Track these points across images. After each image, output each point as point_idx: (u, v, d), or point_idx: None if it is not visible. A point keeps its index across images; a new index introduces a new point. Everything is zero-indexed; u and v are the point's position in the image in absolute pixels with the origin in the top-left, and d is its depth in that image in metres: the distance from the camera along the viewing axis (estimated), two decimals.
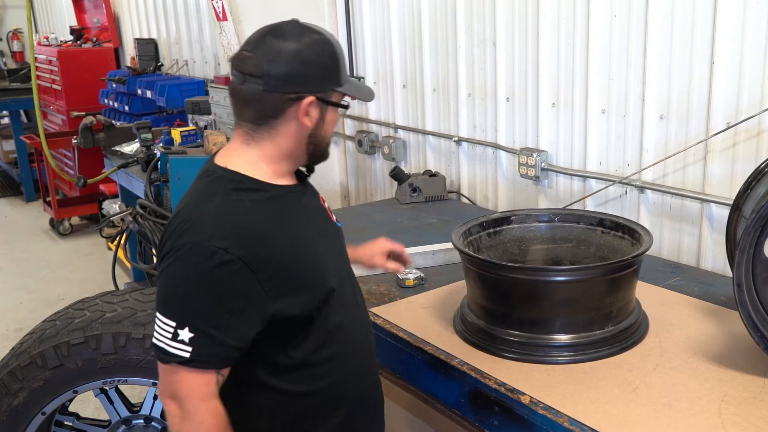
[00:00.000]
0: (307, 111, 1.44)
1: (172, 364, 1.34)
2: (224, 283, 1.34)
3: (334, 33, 4.33)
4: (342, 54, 1.49)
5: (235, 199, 1.42)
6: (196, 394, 1.37)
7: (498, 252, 2.07)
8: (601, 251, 2.01)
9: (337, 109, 1.51)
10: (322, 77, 1.45)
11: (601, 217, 2.05)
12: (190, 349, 1.33)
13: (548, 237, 2.10)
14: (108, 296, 2.39)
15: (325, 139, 1.53)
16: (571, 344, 1.75)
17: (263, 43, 1.44)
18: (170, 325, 1.34)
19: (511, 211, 2.18)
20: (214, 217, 1.38)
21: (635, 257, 1.77)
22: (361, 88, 1.56)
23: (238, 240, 1.35)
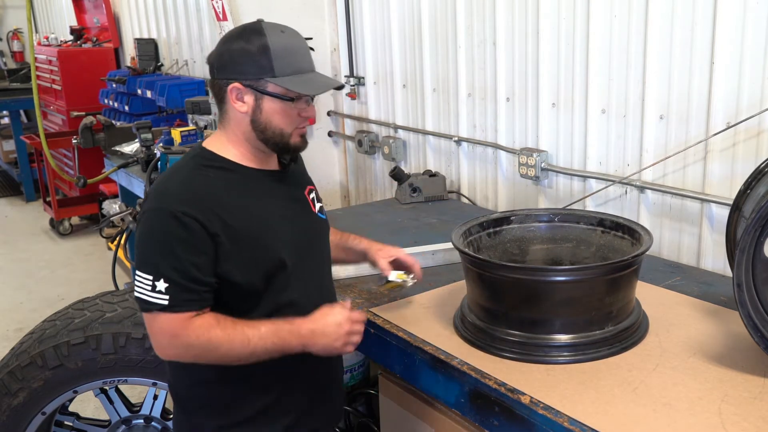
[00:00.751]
0: (239, 96, 1.63)
1: (153, 312, 1.55)
2: (185, 239, 1.54)
3: (334, 33, 4.33)
4: (282, 49, 1.61)
5: (200, 173, 1.63)
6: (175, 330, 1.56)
7: (498, 252, 2.07)
8: (601, 251, 2.01)
9: (285, 100, 1.62)
10: (250, 67, 1.61)
11: (601, 217, 2.05)
12: (167, 297, 1.54)
13: (548, 237, 2.10)
14: (108, 296, 2.39)
15: (271, 128, 1.65)
16: (571, 344, 1.75)
17: (219, 41, 1.68)
18: (148, 279, 1.54)
19: (511, 211, 2.18)
20: (179, 186, 1.61)
21: (635, 257, 1.77)
22: (302, 83, 1.63)
23: (195, 205, 1.56)
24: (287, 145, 1.69)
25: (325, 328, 1.63)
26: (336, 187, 4.59)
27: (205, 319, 1.57)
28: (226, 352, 1.57)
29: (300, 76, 1.64)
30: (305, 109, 1.68)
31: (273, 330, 1.59)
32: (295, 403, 1.76)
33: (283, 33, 1.64)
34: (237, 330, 1.57)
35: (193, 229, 1.54)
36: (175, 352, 1.60)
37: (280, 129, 1.65)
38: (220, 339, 1.56)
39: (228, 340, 1.56)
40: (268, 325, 1.60)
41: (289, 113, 1.65)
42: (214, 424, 1.73)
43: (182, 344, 1.57)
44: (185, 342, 1.56)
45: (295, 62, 1.64)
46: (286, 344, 1.61)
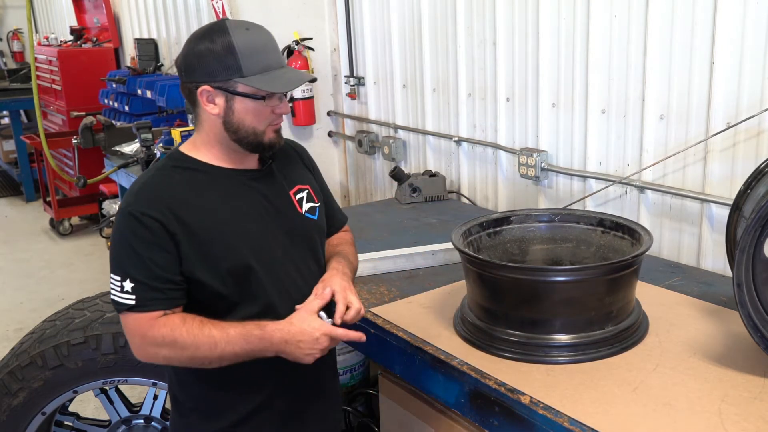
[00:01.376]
0: (209, 99, 1.62)
1: (123, 312, 1.58)
2: (145, 238, 1.55)
3: (334, 33, 4.33)
4: (248, 47, 1.59)
5: (165, 174, 1.65)
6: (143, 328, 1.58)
7: (498, 252, 2.07)
8: (601, 251, 2.01)
9: (255, 99, 1.61)
10: (216, 68, 1.59)
11: (601, 217, 2.05)
12: (134, 296, 1.56)
13: (548, 237, 2.10)
14: (108, 296, 2.38)
15: (244, 128, 1.64)
16: (571, 344, 1.75)
17: (185, 43, 1.66)
18: (117, 280, 1.57)
19: (511, 211, 2.18)
20: (141, 187, 1.62)
21: (635, 257, 1.77)
22: (271, 80, 1.61)
23: (154, 204, 1.57)
24: (261, 143, 1.67)
25: (301, 338, 1.57)
26: (336, 187, 4.58)
27: (170, 318, 1.57)
28: (193, 353, 1.56)
29: (269, 74, 1.62)
30: (278, 105, 1.66)
31: (242, 334, 1.55)
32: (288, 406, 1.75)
33: (248, 30, 1.62)
34: (203, 331, 1.55)
35: (152, 228, 1.55)
36: (146, 353, 1.61)
37: (252, 128, 1.64)
38: (185, 339, 1.55)
39: (193, 341, 1.55)
40: (237, 328, 1.56)
41: (261, 111, 1.64)
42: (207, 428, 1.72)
43: (151, 344, 1.57)
44: (153, 341, 1.56)
45: (263, 59, 1.62)
46: (255, 350, 1.57)
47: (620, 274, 1.76)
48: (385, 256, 2.43)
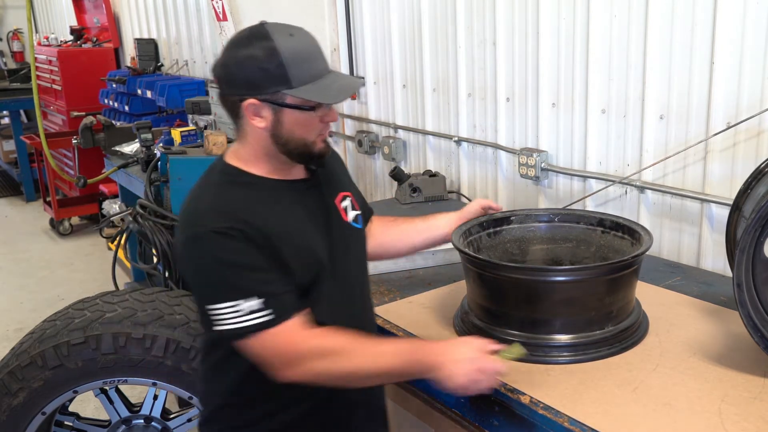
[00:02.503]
0: (255, 112, 1.52)
1: (255, 335, 1.44)
2: (246, 251, 1.45)
3: (334, 33, 4.33)
4: (294, 55, 1.50)
5: (226, 189, 1.55)
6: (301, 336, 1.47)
7: (498, 252, 2.07)
8: (601, 251, 2.01)
9: (305, 110, 1.53)
10: (263, 80, 1.49)
11: (601, 217, 2.05)
12: (267, 311, 1.44)
13: (548, 237, 2.10)
14: (108, 296, 2.39)
15: (294, 141, 1.56)
16: (571, 344, 1.75)
17: (223, 51, 1.56)
18: (235, 306, 1.43)
19: (511, 211, 2.18)
20: (211, 205, 1.51)
21: (635, 257, 1.77)
22: (322, 91, 1.52)
23: (233, 218, 1.47)
24: (311, 153, 1.59)
25: (457, 355, 1.47)
26: None
27: (324, 329, 1.49)
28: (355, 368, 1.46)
29: (317, 83, 1.52)
30: (327, 113, 1.58)
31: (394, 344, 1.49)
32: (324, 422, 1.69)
33: (292, 36, 1.52)
34: (363, 338, 1.47)
35: (243, 239, 1.45)
36: (297, 370, 1.46)
37: (302, 139, 1.56)
38: (345, 346, 1.46)
39: (354, 347, 1.47)
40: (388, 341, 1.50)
41: (310, 122, 1.55)
42: None
43: (305, 357, 1.45)
44: (307, 353, 1.45)
45: (311, 67, 1.52)
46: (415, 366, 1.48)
47: (620, 274, 1.76)
48: None
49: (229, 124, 4.82)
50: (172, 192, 3.27)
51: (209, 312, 1.45)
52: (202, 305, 1.47)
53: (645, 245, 1.81)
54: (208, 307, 1.45)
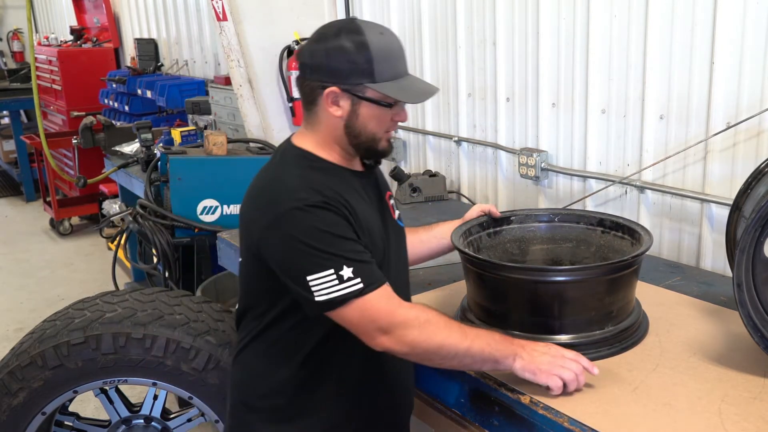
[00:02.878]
0: (334, 101, 1.56)
1: (352, 302, 1.46)
2: (336, 222, 1.49)
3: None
4: (382, 52, 1.53)
5: (309, 173, 1.57)
6: (393, 304, 1.50)
7: (498, 252, 2.07)
8: (601, 251, 2.01)
9: (382, 106, 1.57)
10: (349, 71, 1.53)
11: (601, 217, 2.05)
12: (359, 279, 1.46)
13: (548, 237, 2.10)
14: (108, 296, 2.39)
15: (366, 134, 1.60)
16: (571, 344, 1.75)
17: (311, 39, 1.60)
18: (330, 275, 1.45)
19: (511, 211, 2.18)
20: (302, 181, 1.53)
21: (635, 257, 1.77)
22: (403, 90, 1.57)
23: (325, 194, 1.50)
24: (376, 150, 1.64)
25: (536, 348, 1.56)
26: None
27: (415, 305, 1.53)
28: (443, 340, 1.49)
29: (398, 81, 1.57)
30: (399, 113, 1.62)
31: (488, 332, 1.54)
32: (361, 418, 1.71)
33: (382, 35, 1.56)
34: (451, 320, 1.52)
35: (336, 213, 1.49)
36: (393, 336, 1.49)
37: (373, 134, 1.60)
38: (438, 322, 1.50)
39: (446, 324, 1.50)
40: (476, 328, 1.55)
41: (384, 118, 1.60)
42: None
43: (401, 324, 1.48)
44: (403, 320, 1.48)
45: (394, 66, 1.57)
46: (499, 349, 1.53)
47: (620, 274, 1.76)
48: None
49: (228, 124, 4.83)
50: (172, 192, 3.28)
51: (310, 283, 1.46)
52: (302, 277, 1.47)
53: (645, 245, 1.81)
54: (309, 278, 1.46)
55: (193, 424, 2.50)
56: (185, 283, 3.31)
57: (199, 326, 2.26)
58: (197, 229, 3.22)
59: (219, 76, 5.11)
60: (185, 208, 3.23)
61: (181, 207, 3.24)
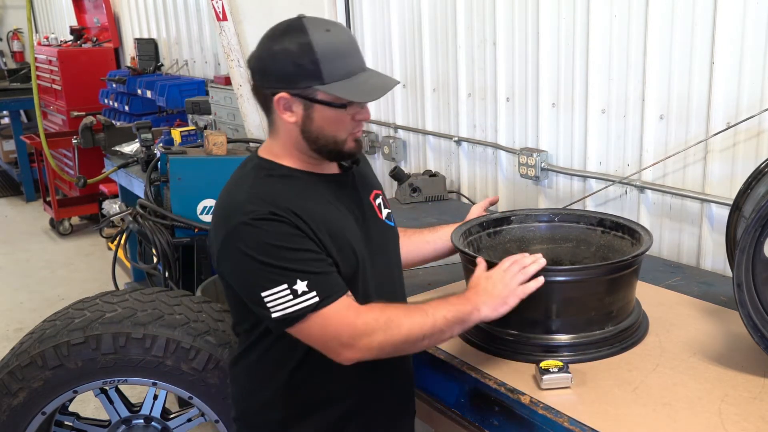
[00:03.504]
0: (286, 106, 1.51)
1: (309, 317, 1.42)
2: (291, 233, 1.44)
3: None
4: (330, 51, 1.47)
5: (264, 181, 1.54)
6: (352, 315, 1.46)
7: (498, 252, 2.07)
8: (601, 251, 2.01)
9: (336, 107, 1.51)
10: (296, 75, 1.47)
11: (601, 217, 2.05)
12: (314, 292, 1.42)
13: (548, 237, 2.10)
14: (108, 296, 2.38)
15: (324, 137, 1.54)
16: (571, 344, 1.75)
17: (260, 42, 1.54)
18: (284, 290, 1.42)
19: (511, 211, 2.18)
20: (252, 193, 1.49)
21: (635, 257, 1.77)
22: (355, 88, 1.50)
23: (275, 206, 1.46)
24: (341, 152, 1.58)
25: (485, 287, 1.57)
26: None
27: (371, 304, 1.49)
28: (409, 329, 1.46)
29: (351, 80, 1.50)
30: (359, 111, 1.56)
31: (441, 301, 1.52)
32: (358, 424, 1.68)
33: (328, 32, 1.49)
34: (410, 306, 1.50)
35: (287, 223, 1.44)
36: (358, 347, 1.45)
37: (333, 137, 1.54)
38: (399, 315, 1.47)
39: (407, 313, 1.48)
40: (432, 301, 1.53)
41: (341, 119, 1.53)
42: None
43: (363, 333, 1.44)
44: (365, 329, 1.44)
45: (345, 64, 1.50)
46: (460, 310, 1.52)
47: (620, 274, 1.76)
48: None
49: (228, 124, 4.83)
50: (172, 192, 3.27)
51: (265, 299, 1.43)
52: (257, 294, 1.44)
53: (645, 245, 1.81)
54: (264, 295, 1.43)
55: (193, 424, 2.50)
56: (185, 283, 3.31)
57: (199, 326, 2.26)
58: (197, 229, 3.22)
59: (219, 76, 5.11)
60: (185, 208, 3.23)
61: (181, 207, 3.24)
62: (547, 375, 1.62)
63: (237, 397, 1.74)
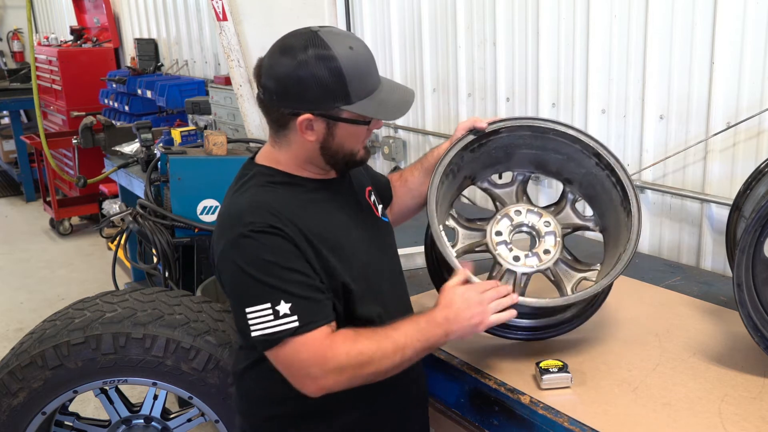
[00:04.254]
0: (309, 126, 1.48)
1: (285, 341, 1.39)
2: (285, 250, 1.42)
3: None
4: (355, 70, 1.44)
5: (268, 189, 1.51)
6: (322, 350, 1.41)
7: (481, 161, 1.94)
8: (588, 179, 1.90)
9: (359, 124, 1.50)
10: (320, 95, 1.44)
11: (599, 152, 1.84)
12: (295, 316, 1.39)
13: (539, 145, 1.92)
14: (108, 296, 2.38)
15: (343, 152, 1.53)
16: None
17: (269, 56, 1.49)
18: (266, 309, 1.38)
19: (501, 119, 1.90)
20: (250, 206, 1.46)
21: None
22: (380, 106, 1.49)
23: (275, 218, 1.43)
24: (355, 161, 1.58)
25: (458, 311, 1.51)
26: None
27: (344, 333, 1.44)
28: (379, 362, 1.44)
29: (374, 97, 1.48)
30: (376, 123, 1.56)
31: (413, 326, 1.48)
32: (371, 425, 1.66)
33: (351, 50, 1.45)
34: (381, 335, 1.45)
35: (284, 239, 1.42)
36: (326, 382, 1.42)
37: (350, 150, 1.54)
38: (370, 348, 1.43)
39: (378, 347, 1.44)
40: (405, 324, 1.49)
41: (361, 134, 1.54)
42: None
43: (334, 369, 1.41)
44: (336, 364, 1.40)
45: (368, 82, 1.48)
46: (431, 337, 1.48)
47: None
48: None
49: (228, 124, 4.83)
50: (172, 192, 3.27)
51: (248, 316, 1.40)
52: (241, 309, 1.41)
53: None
54: (247, 311, 1.40)
55: (193, 424, 2.50)
56: (185, 283, 3.31)
57: (199, 326, 2.26)
58: (197, 229, 3.22)
59: (219, 76, 5.12)
60: (185, 208, 3.23)
61: (181, 207, 3.23)
62: (547, 375, 1.62)
63: (246, 409, 1.69)
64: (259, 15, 3.96)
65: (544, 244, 1.87)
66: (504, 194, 1.99)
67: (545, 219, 1.91)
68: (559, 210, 1.97)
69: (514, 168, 2.00)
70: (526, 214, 1.93)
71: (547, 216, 1.92)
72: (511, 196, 1.99)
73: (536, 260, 1.84)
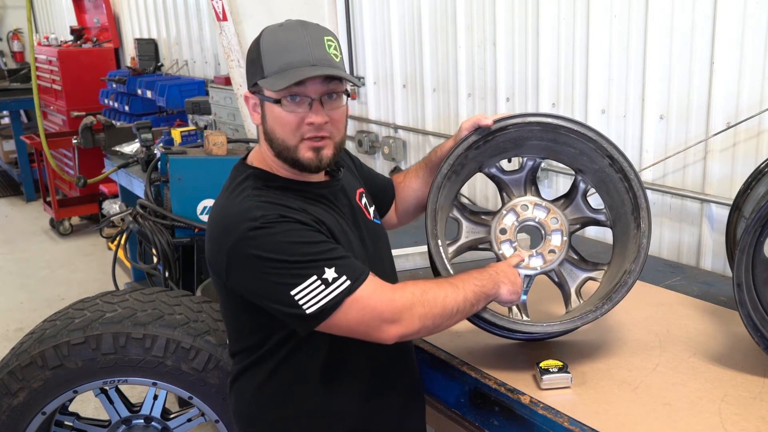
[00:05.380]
0: (253, 107, 1.51)
1: (345, 302, 1.37)
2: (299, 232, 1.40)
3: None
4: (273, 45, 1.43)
5: (265, 191, 1.49)
6: (387, 292, 1.43)
7: (489, 150, 1.85)
8: (600, 175, 1.85)
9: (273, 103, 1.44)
10: (249, 70, 1.48)
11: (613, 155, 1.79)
12: (344, 277, 1.38)
13: (550, 138, 1.83)
14: (108, 296, 2.39)
15: (277, 140, 1.48)
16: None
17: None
18: (313, 282, 1.36)
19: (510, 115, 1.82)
20: (254, 199, 1.44)
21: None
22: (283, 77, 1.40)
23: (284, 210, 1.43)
24: (297, 160, 1.48)
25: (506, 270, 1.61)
26: None
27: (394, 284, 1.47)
28: (444, 301, 1.45)
29: (287, 72, 1.40)
30: (307, 114, 1.44)
31: (464, 275, 1.53)
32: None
33: (281, 26, 1.46)
34: (437, 280, 1.49)
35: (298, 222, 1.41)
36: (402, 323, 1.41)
37: (283, 140, 1.46)
38: (432, 287, 1.45)
39: (439, 286, 1.46)
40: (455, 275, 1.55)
41: (287, 120, 1.44)
42: None
43: (404, 308, 1.40)
44: (404, 304, 1.40)
45: (285, 57, 1.41)
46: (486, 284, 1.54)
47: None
48: None
49: (228, 124, 4.83)
50: (172, 192, 3.27)
51: (296, 297, 1.36)
52: (285, 294, 1.36)
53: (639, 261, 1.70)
54: (293, 293, 1.36)
55: (193, 424, 2.50)
56: (185, 283, 3.31)
57: (199, 326, 2.26)
58: (197, 229, 3.22)
59: (219, 76, 5.12)
60: (185, 208, 3.23)
61: (181, 207, 3.24)
62: (547, 375, 1.62)
63: (246, 415, 1.67)
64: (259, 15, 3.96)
65: (549, 243, 1.84)
66: (512, 182, 1.90)
67: (553, 215, 1.85)
68: (569, 202, 1.89)
69: (524, 154, 1.92)
70: (533, 209, 1.86)
71: (556, 212, 1.86)
72: (519, 185, 1.90)
73: (541, 261, 1.83)
